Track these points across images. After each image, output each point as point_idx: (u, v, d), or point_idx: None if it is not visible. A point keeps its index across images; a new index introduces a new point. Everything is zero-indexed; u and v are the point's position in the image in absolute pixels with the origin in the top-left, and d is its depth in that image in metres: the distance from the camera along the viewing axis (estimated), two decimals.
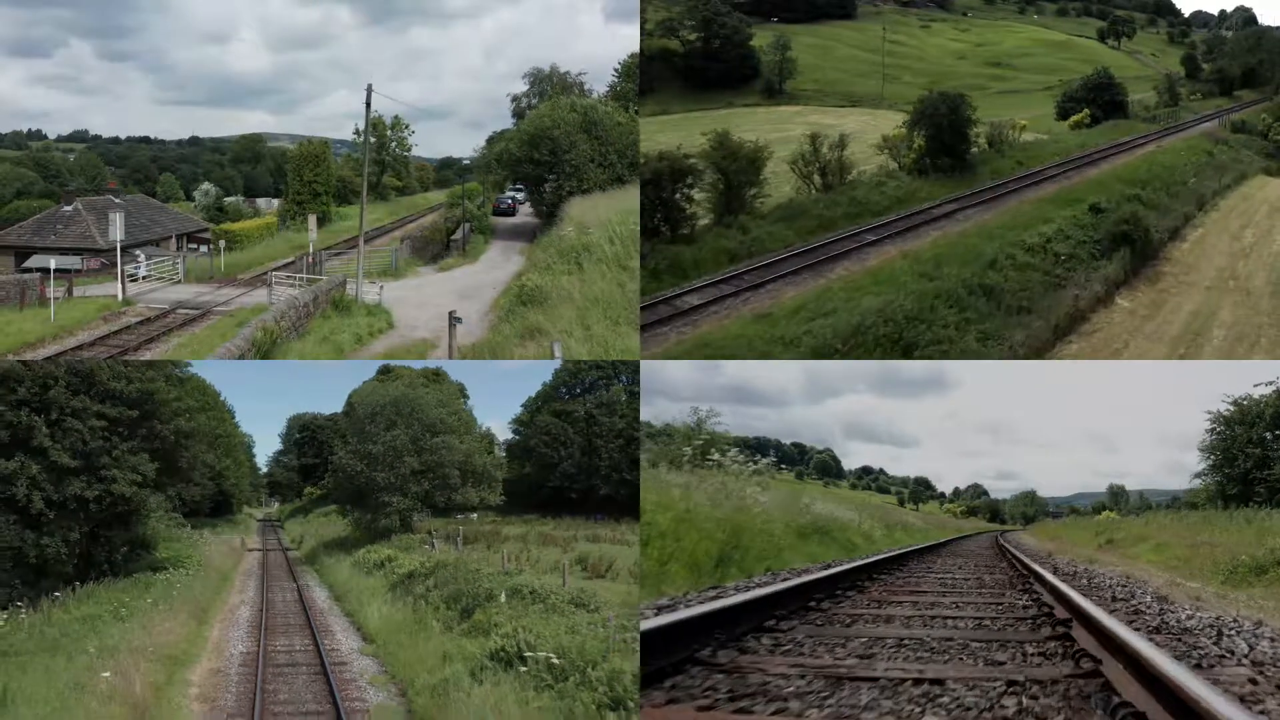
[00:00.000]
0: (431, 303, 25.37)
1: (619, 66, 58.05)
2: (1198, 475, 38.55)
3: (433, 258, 37.91)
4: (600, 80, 56.48)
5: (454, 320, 20.33)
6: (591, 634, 10.40)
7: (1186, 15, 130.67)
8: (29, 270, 29.67)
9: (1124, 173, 33.19)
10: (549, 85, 63.11)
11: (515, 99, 64.59)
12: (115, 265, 27.72)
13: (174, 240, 41.82)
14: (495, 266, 33.28)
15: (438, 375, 58.99)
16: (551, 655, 9.58)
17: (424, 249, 39.27)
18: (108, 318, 24.34)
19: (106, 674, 10.67)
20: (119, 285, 27.02)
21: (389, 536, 27.96)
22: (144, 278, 29.83)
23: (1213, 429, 36.67)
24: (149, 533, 26.74)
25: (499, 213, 50.53)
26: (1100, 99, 53.85)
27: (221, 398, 53.47)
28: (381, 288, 26.55)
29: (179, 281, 30.96)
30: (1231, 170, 38.10)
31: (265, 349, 18.37)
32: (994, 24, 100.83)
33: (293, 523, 57.15)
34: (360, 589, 20.34)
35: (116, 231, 27.30)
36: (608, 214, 28.68)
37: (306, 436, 68.38)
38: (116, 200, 39.96)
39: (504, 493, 53.57)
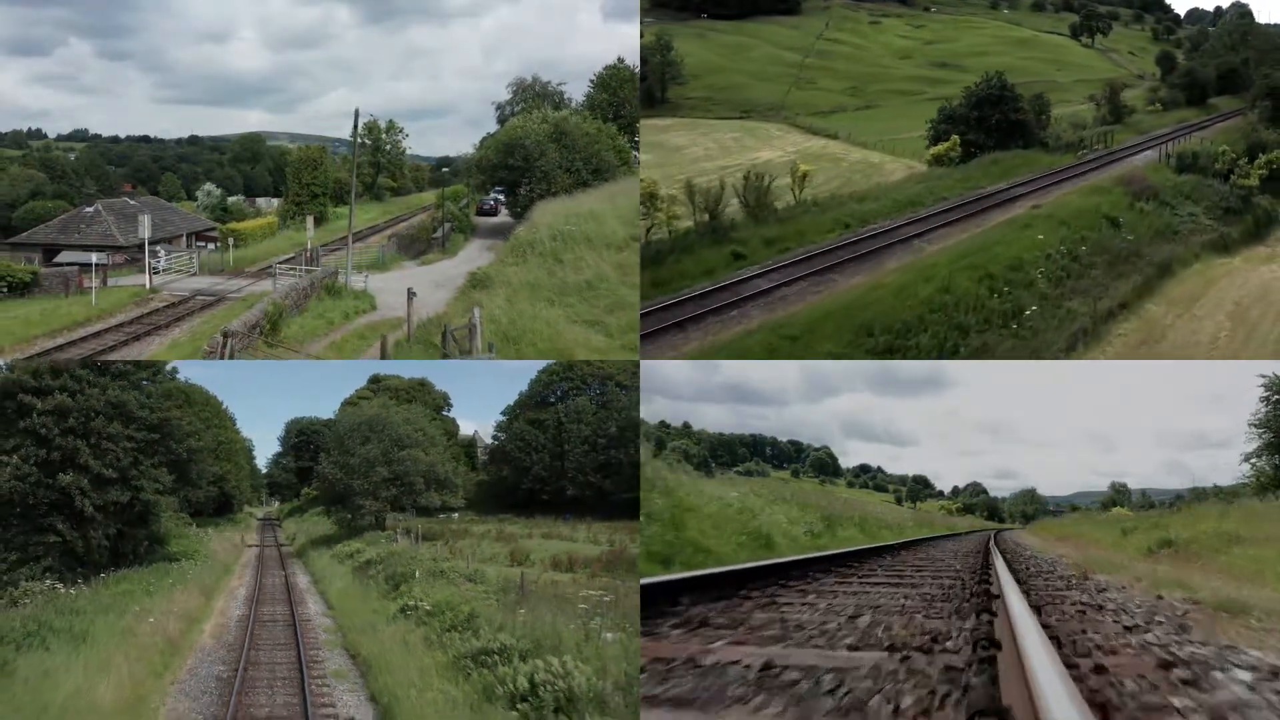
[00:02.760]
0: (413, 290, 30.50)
1: (594, 78, 63.69)
2: (1248, 458, 34.18)
3: (417, 254, 42.43)
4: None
5: (411, 295, 25.70)
6: (460, 595, 16.67)
7: (1180, 12, 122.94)
8: (59, 265, 34.84)
9: (898, 291, 20.51)
10: (531, 94, 68.94)
11: (499, 106, 70.53)
12: (135, 260, 33.51)
13: (185, 238, 46.04)
14: (469, 261, 37.56)
15: (423, 385, 65.31)
16: (427, 606, 15.85)
17: (410, 246, 43.97)
18: (139, 303, 29.46)
19: (152, 619, 16.97)
20: (146, 276, 32.24)
21: (363, 533, 34.35)
22: (164, 270, 34.69)
23: (1267, 397, 31.65)
24: (162, 530, 33.11)
25: (482, 213, 54.85)
26: (988, 119, 41.72)
27: (224, 406, 59.79)
28: (367, 277, 31.90)
29: (195, 274, 35.64)
30: (1143, 263, 24.48)
31: (274, 319, 24.27)
32: (956, 19, 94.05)
33: (290, 521, 63.59)
34: (333, 574, 26.70)
35: (144, 231, 33.20)
36: (558, 216, 34.09)
37: (303, 441, 74.79)
38: (132, 202, 45.09)
39: (485, 494, 60.05)
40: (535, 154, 46.47)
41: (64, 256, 36.53)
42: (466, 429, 71.68)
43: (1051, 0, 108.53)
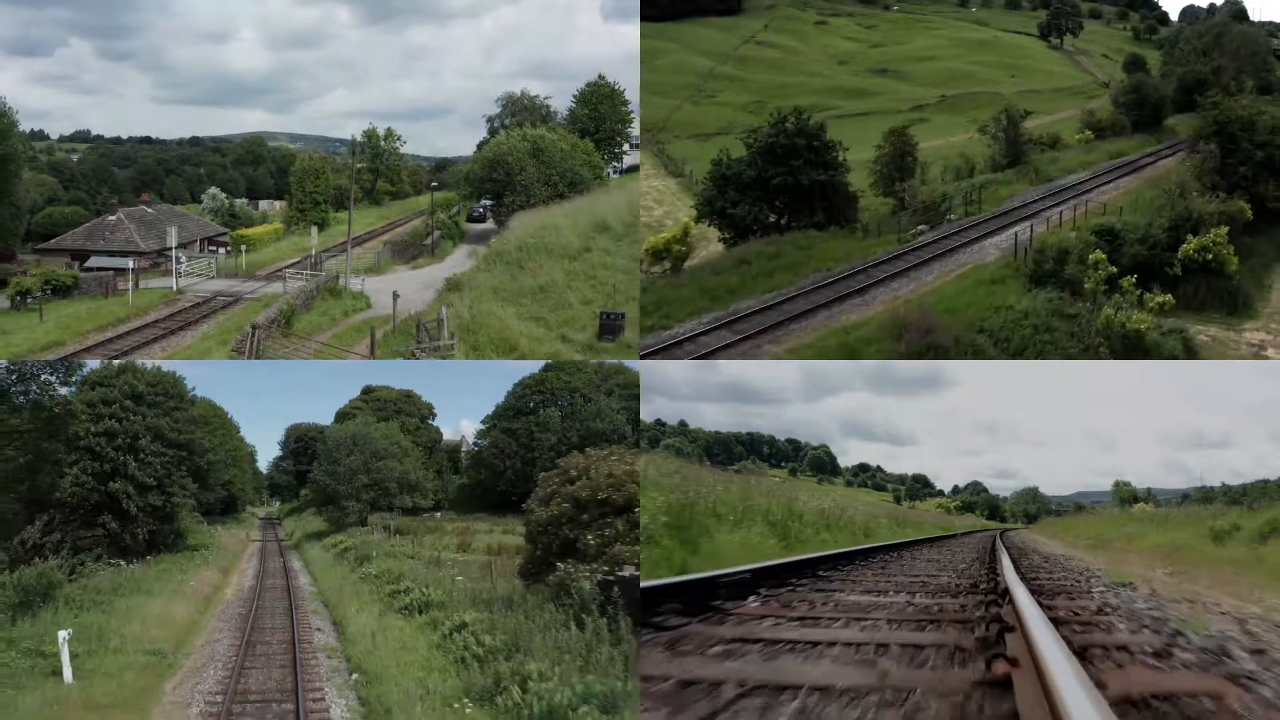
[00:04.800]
0: (402, 292, 34.57)
1: (576, 95, 72.18)
2: None
3: (410, 258, 47.84)
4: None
5: (395, 296, 33.22)
6: (398, 565, 26.01)
7: (1171, 9, 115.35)
8: (93, 269, 40.58)
9: None
10: (519, 107, 77.89)
11: (490, 119, 79.44)
12: (156, 265, 40.57)
13: (198, 243, 50.36)
14: (455, 266, 42.16)
15: (409, 397, 74.82)
16: (375, 572, 25.19)
17: (404, 251, 50.83)
18: (168, 303, 34.72)
19: (192, 583, 26.40)
20: (174, 279, 37.42)
21: (347, 529, 43.83)
22: (186, 274, 39.39)
23: None
24: (182, 527, 42.57)
25: (472, 220, 62.76)
26: (776, 177, 32.27)
27: (230, 416, 69.36)
28: (364, 280, 38.44)
29: (213, 277, 40.42)
30: None
31: (289, 315, 31.71)
32: (913, 19, 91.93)
33: (289, 520, 73.31)
34: (320, 560, 36.17)
35: (173, 240, 40.03)
36: (528, 228, 41.24)
37: (302, 446, 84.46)
38: (150, 210, 51.28)
39: (466, 495, 69.37)
40: (516, 169, 55.25)
41: (93, 261, 42.17)
42: (466, 429, 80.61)
43: None
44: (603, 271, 34.84)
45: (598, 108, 67.46)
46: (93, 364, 34.37)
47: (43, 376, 34.40)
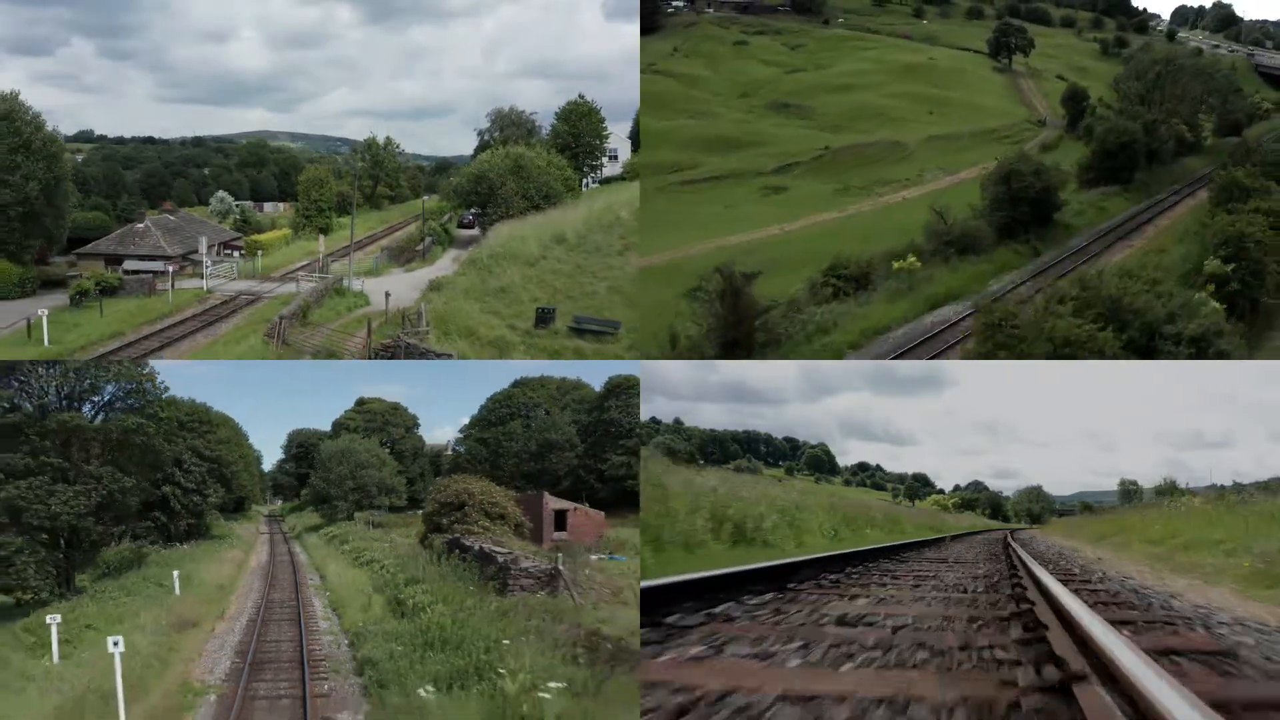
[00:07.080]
0: (394, 292, 40.84)
1: (558, 111, 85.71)
2: None
3: (404, 262, 55.38)
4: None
5: (387, 295, 44.01)
6: (363, 545, 42.13)
7: (1164, 9, 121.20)
8: (129, 272, 45.16)
9: None
10: (507, 123, 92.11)
11: (480, 132, 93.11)
12: (181, 268, 49.34)
13: (216, 248, 55.86)
14: (441, 270, 49.00)
15: (396, 409, 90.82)
16: (349, 549, 41.30)
17: (399, 255, 57.77)
18: (201, 301, 41.42)
19: (226, 557, 42.65)
20: (204, 280, 44.89)
21: (337, 522, 60.10)
22: (212, 275, 46.05)
23: None
24: (209, 522, 58.91)
25: (462, 226, 73.53)
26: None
27: (240, 427, 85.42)
28: (364, 282, 44.67)
29: (235, 279, 47.13)
30: None
31: (305, 310, 37.50)
32: (850, 36, 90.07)
33: (291, 517, 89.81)
34: (316, 545, 52.44)
35: (203, 247, 50.84)
36: (502, 237, 50.89)
37: (302, 451, 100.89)
38: (173, 218, 59.23)
39: None
40: (498, 185, 69.22)
41: (127, 265, 47.57)
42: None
43: (994, 6, 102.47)
44: (550, 276, 43.04)
45: (576, 125, 78.44)
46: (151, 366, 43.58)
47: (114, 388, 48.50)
